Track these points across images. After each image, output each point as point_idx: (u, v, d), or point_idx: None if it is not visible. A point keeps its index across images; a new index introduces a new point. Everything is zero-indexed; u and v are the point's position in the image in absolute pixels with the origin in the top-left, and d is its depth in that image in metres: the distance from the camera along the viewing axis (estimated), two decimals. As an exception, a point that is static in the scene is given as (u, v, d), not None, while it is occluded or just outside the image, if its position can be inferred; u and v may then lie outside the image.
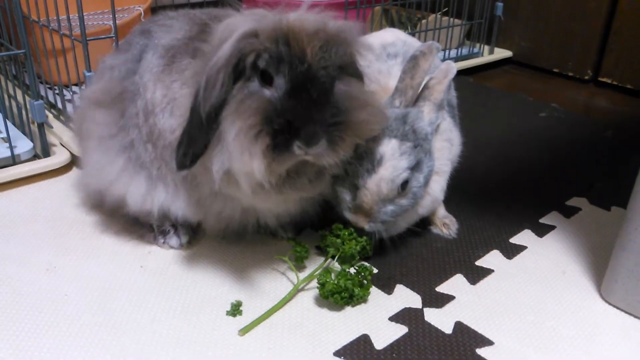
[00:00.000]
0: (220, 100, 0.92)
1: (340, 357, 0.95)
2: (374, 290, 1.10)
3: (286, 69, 0.90)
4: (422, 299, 1.09)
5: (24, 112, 1.54)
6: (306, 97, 0.90)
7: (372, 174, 1.05)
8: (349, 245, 1.10)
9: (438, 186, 1.16)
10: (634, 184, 1.03)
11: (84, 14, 1.46)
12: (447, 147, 1.18)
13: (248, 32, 0.90)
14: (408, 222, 1.18)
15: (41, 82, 1.83)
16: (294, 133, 0.89)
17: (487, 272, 1.18)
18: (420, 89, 1.12)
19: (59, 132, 1.60)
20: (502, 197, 1.47)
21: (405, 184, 1.06)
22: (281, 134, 0.89)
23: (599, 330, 1.03)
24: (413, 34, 2.10)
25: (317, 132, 0.90)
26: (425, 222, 1.29)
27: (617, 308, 1.08)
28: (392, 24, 2.54)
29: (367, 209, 1.06)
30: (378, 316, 1.05)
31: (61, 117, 1.69)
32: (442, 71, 1.12)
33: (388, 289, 1.12)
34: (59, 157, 1.50)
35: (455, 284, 1.14)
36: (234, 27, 0.92)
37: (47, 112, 1.62)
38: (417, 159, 1.07)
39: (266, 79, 0.92)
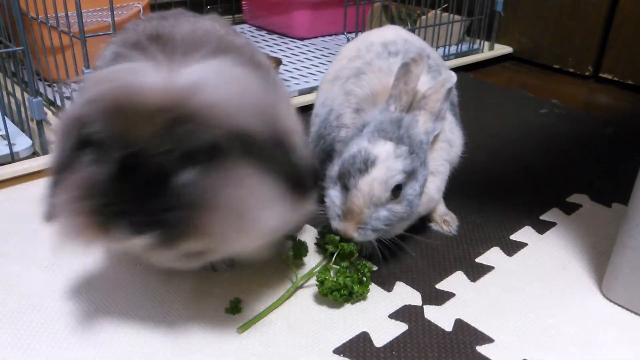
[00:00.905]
0: (58, 165, 0.85)
1: (339, 355, 0.95)
2: (373, 287, 1.10)
3: (116, 147, 0.78)
4: (422, 296, 1.09)
5: (22, 110, 1.54)
6: (132, 182, 0.77)
7: (365, 174, 1.01)
8: (347, 243, 1.09)
9: (433, 185, 1.14)
10: (635, 180, 1.02)
11: (83, 11, 1.45)
12: (444, 148, 1.16)
13: (88, 99, 0.79)
14: (407, 224, 1.16)
15: (40, 80, 1.82)
16: (116, 217, 0.78)
17: (487, 269, 1.18)
18: (418, 98, 1.10)
19: (58, 130, 1.60)
20: (502, 193, 1.47)
21: (398, 188, 1.03)
22: (101, 215, 0.78)
23: (599, 327, 1.03)
24: (413, 30, 2.09)
25: (138, 222, 0.76)
26: (425, 220, 1.29)
27: (618, 305, 1.08)
28: (391, 20, 2.54)
29: (358, 213, 1.02)
30: (377, 313, 1.04)
31: (60, 115, 1.68)
32: (439, 81, 1.10)
33: (388, 286, 1.11)
34: (57, 155, 1.49)
35: (455, 281, 1.14)
36: (86, 88, 0.81)
37: (46, 109, 1.61)
38: (413, 167, 1.04)
39: (104, 151, 0.80)
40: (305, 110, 1.64)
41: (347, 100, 1.20)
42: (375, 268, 1.14)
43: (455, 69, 2.27)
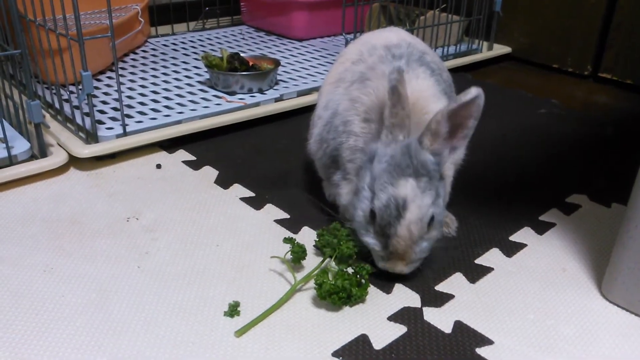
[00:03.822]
0: None
1: (338, 358, 0.95)
2: (372, 289, 1.10)
3: None
4: (421, 298, 1.09)
5: (20, 112, 1.54)
6: None
7: (400, 220, 1.02)
8: (345, 245, 1.09)
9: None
10: (634, 180, 1.02)
11: (81, 13, 1.45)
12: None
13: None
14: None
15: (38, 82, 1.82)
16: None
17: (486, 270, 1.17)
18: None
19: (57, 132, 1.60)
20: (501, 194, 1.46)
21: (432, 219, 1.05)
22: None
23: (599, 329, 1.03)
24: (412, 31, 2.09)
25: None
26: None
27: (618, 306, 1.08)
28: (390, 20, 2.53)
29: (402, 254, 1.05)
30: (376, 316, 1.04)
31: (58, 117, 1.68)
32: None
33: (386, 288, 1.11)
34: (56, 158, 1.49)
35: (454, 283, 1.13)
36: None
37: (44, 112, 1.61)
38: (437, 192, 1.06)
39: None
40: (303, 112, 1.65)
41: (353, 107, 1.18)
42: (373, 270, 1.14)
43: (454, 69, 2.27)
